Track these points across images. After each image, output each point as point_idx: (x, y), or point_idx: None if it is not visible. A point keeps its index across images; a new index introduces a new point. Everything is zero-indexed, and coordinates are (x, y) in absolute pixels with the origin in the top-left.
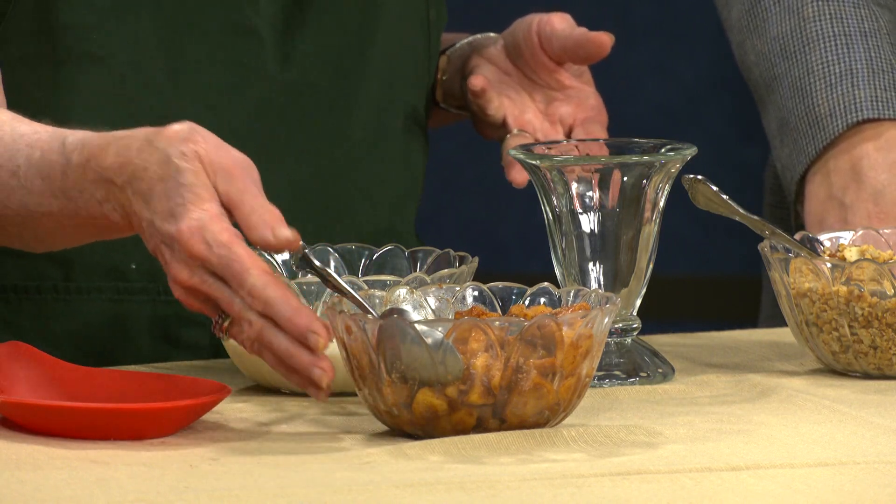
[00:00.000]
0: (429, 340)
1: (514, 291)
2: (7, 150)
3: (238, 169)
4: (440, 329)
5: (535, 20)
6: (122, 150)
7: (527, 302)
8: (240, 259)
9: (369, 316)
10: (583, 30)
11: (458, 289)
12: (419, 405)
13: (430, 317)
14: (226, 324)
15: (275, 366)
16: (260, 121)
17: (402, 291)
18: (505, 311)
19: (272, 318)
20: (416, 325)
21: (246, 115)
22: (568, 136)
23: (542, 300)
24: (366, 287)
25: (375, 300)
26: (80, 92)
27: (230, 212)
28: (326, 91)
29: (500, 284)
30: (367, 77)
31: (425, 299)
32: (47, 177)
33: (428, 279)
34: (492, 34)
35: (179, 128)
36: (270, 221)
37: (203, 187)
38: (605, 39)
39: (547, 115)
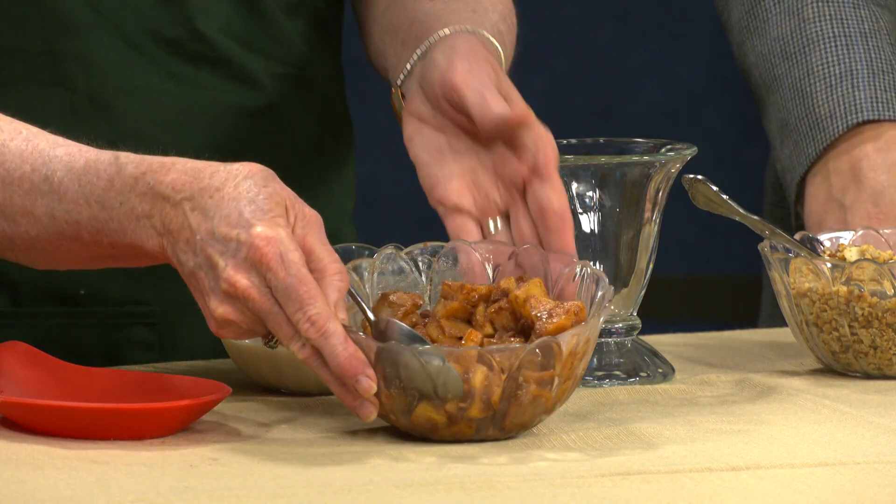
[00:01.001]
0: (430, 365)
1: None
2: (42, 156)
3: (315, 218)
4: (440, 354)
5: (436, 83)
6: (189, 170)
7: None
8: (308, 283)
9: (369, 339)
10: (497, 107)
11: (443, 247)
12: (418, 417)
13: (417, 279)
14: (273, 341)
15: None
16: (214, 138)
17: (388, 253)
18: (495, 274)
19: (322, 351)
20: (417, 350)
21: (201, 135)
22: (522, 196)
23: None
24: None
25: (363, 271)
26: (34, 114)
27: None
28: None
29: (489, 245)
30: (313, 96)
31: (409, 262)
32: (88, 183)
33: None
34: (419, 64)
35: (259, 166)
36: (340, 281)
37: (282, 214)
38: (526, 117)
39: (500, 177)
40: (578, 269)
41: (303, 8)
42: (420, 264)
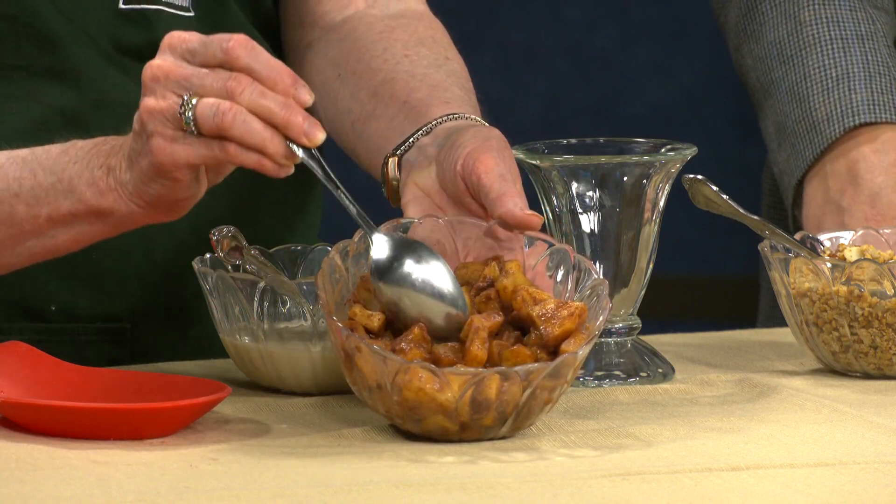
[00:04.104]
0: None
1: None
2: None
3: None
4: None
5: (461, 160)
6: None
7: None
8: (219, 36)
9: (386, 353)
10: (509, 202)
11: (412, 222)
12: (430, 423)
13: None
14: (193, 102)
15: (248, 141)
16: None
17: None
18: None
19: (255, 76)
20: (420, 365)
21: None
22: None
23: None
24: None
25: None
26: (3, 129)
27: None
28: None
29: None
30: None
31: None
32: (34, 159)
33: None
34: (426, 138)
35: None
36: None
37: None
38: (534, 221)
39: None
40: (549, 251)
41: (274, 24)
42: None
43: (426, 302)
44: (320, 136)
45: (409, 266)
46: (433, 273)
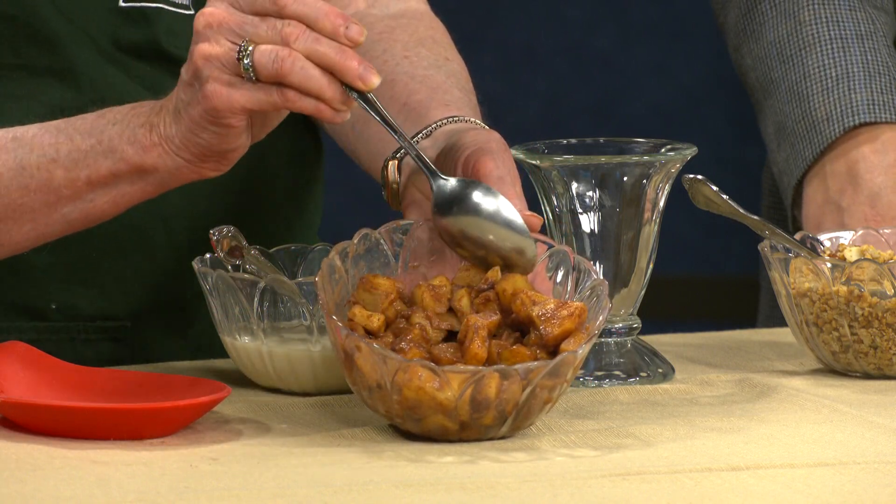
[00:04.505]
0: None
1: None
2: (7, 131)
3: None
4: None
5: (460, 162)
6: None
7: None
8: None
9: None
10: (515, 203)
11: (412, 224)
12: (430, 423)
13: (388, 258)
14: (250, 48)
15: (307, 87)
16: None
17: (364, 234)
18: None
19: (306, 21)
20: (426, 365)
21: None
22: None
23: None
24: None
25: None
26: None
27: None
28: None
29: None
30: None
31: (385, 241)
32: (70, 125)
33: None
34: (426, 141)
35: None
36: None
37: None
38: (533, 223)
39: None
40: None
41: None
42: (394, 242)
43: (495, 229)
44: (375, 80)
45: (477, 197)
46: (501, 204)
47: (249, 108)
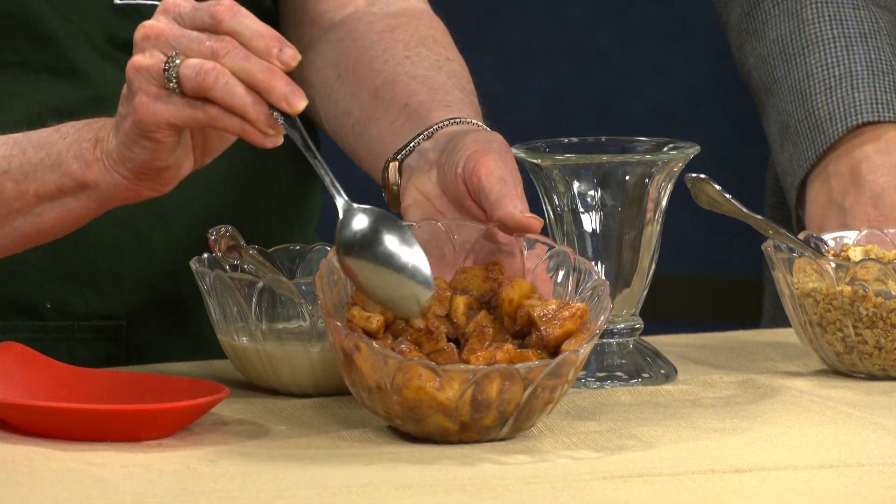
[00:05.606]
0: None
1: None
2: None
3: None
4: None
5: (461, 162)
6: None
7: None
8: (210, 2)
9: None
10: (509, 205)
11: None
12: (430, 424)
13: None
14: (177, 61)
15: (229, 103)
16: None
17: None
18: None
19: (240, 39)
20: (420, 362)
21: None
22: None
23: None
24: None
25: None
26: None
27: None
28: None
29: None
30: None
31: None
32: (25, 138)
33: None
34: (427, 143)
35: None
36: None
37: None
38: (534, 225)
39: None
40: (548, 254)
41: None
42: None
43: (391, 278)
44: (301, 104)
45: (383, 239)
46: (404, 248)
47: (174, 122)
